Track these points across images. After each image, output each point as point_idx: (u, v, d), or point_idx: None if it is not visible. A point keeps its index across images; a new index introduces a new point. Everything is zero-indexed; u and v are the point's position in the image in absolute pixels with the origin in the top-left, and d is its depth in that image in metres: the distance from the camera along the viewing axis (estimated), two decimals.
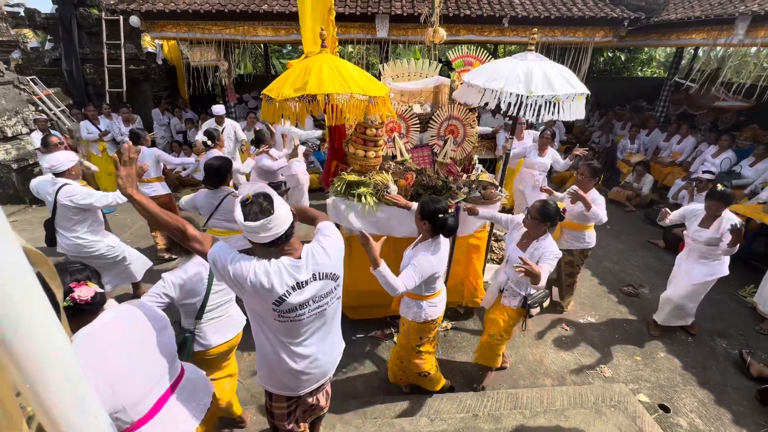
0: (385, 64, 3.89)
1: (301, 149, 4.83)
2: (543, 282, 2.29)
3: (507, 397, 2.83)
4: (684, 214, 3.39)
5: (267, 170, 4.24)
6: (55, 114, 7.47)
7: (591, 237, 3.60)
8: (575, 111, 2.75)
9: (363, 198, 2.98)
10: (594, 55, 9.15)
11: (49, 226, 3.30)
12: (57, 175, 3.19)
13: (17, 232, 0.51)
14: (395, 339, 3.49)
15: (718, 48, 6.65)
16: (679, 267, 3.51)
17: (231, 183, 3.47)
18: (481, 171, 3.85)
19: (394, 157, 3.61)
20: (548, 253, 2.49)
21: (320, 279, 1.57)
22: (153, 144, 8.01)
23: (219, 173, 3.09)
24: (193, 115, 8.67)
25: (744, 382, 3.17)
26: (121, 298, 3.86)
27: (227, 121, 5.88)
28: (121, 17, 7.50)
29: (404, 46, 7.55)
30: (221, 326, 2.28)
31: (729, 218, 3.09)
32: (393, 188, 3.02)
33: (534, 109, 2.66)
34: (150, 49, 8.47)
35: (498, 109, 2.79)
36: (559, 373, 3.23)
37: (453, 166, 3.70)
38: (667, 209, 3.35)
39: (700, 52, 9.25)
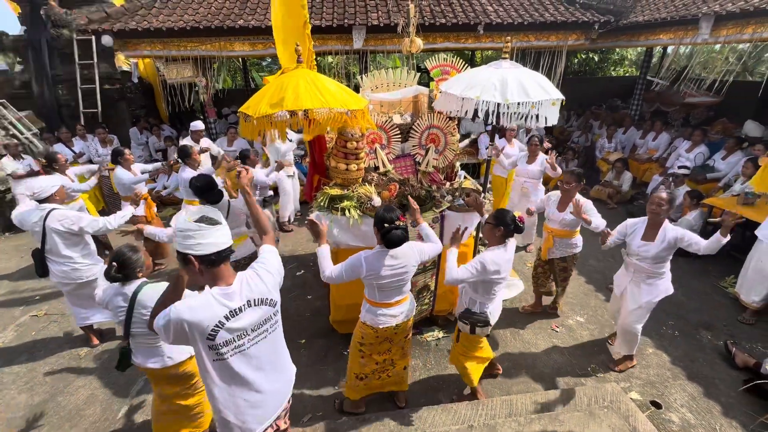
0: (363, 76, 3.89)
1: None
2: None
3: (501, 404, 2.81)
4: (623, 230, 3.07)
5: (261, 185, 4.55)
6: (27, 138, 7.24)
7: (580, 240, 3.64)
8: (550, 117, 2.79)
9: (347, 212, 2.95)
10: (569, 58, 9.38)
11: (39, 256, 3.20)
12: (41, 201, 3.11)
13: None
14: None
15: (685, 46, 6.90)
16: (620, 289, 3.20)
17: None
18: (465, 178, 3.87)
19: (376, 168, 3.60)
20: (480, 257, 2.47)
21: (255, 305, 1.55)
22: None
23: (211, 186, 3.16)
24: (171, 132, 8.54)
25: (731, 372, 3.22)
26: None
27: (204, 140, 5.83)
28: (93, 37, 7.36)
29: (383, 55, 7.61)
30: (148, 351, 2.26)
31: (671, 227, 2.85)
32: (377, 200, 3.00)
33: (511, 117, 2.70)
34: (125, 67, 8.32)
35: (477, 114, 2.81)
36: (552, 375, 3.23)
37: (436, 174, 3.71)
38: (608, 230, 3.09)
39: (669, 50, 9.59)
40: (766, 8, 5.02)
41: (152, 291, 2.19)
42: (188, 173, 4.23)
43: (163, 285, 2.23)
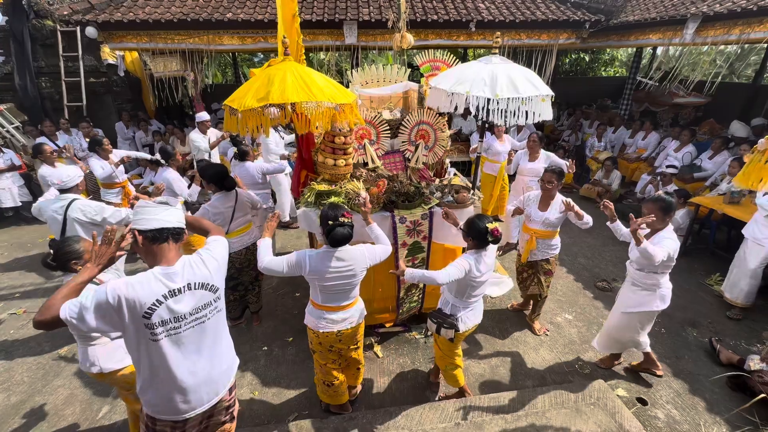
0: (354, 71, 3.84)
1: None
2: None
3: (489, 402, 2.80)
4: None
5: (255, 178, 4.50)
6: (8, 131, 7.05)
7: (559, 241, 3.51)
8: (543, 112, 2.78)
9: None
10: (559, 57, 9.43)
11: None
12: (65, 191, 3.12)
13: None
14: (375, 350, 3.43)
15: (674, 47, 6.97)
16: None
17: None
18: (454, 174, 3.85)
19: (365, 164, 3.56)
20: (461, 257, 2.42)
21: (196, 289, 1.55)
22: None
23: (224, 175, 3.26)
24: (159, 127, 8.38)
25: (715, 369, 3.26)
26: None
27: (212, 131, 5.84)
28: (78, 28, 7.17)
29: (376, 52, 7.54)
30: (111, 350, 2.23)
31: (663, 236, 2.62)
32: (365, 196, 2.96)
33: (500, 113, 2.67)
34: (111, 60, 8.12)
35: (468, 111, 2.79)
36: (540, 373, 3.24)
37: (425, 171, 3.69)
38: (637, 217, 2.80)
39: (659, 52, 9.68)
40: (753, 9, 5.08)
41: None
42: (170, 173, 4.15)
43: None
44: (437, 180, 3.67)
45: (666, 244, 2.56)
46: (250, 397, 2.99)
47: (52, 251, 2.15)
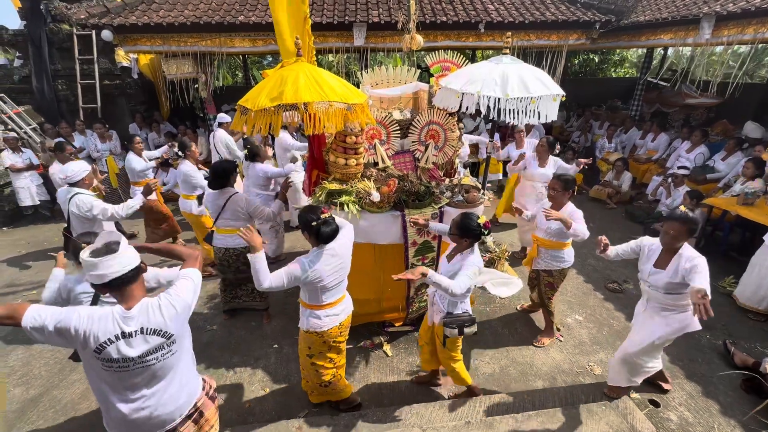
0: (363, 72, 3.88)
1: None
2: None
3: (499, 401, 2.80)
4: (636, 249, 2.71)
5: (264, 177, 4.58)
6: (26, 132, 7.23)
7: (569, 255, 3.30)
8: (550, 113, 2.78)
9: (346, 206, 2.94)
10: (569, 58, 9.38)
11: (67, 233, 3.47)
12: (71, 185, 3.40)
13: None
14: (385, 348, 3.44)
15: (686, 48, 6.90)
16: (637, 318, 2.83)
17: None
18: (464, 175, 3.86)
19: (375, 164, 3.59)
20: (468, 264, 2.36)
21: (148, 334, 1.56)
22: None
23: (225, 174, 3.34)
24: (170, 129, 8.51)
25: (729, 372, 3.21)
26: None
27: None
28: (93, 32, 7.33)
29: (384, 54, 7.59)
30: None
31: (690, 256, 2.38)
32: (375, 195, 2.99)
33: (511, 113, 2.68)
34: (125, 63, 8.28)
35: (478, 112, 2.80)
36: (550, 373, 3.22)
37: (435, 170, 3.70)
38: (605, 241, 2.75)
39: (670, 52, 9.59)
40: (767, 7, 5.01)
41: None
42: (187, 167, 4.29)
43: None
44: (447, 180, 3.68)
45: (701, 267, 2.32)
46: (262, 394, 3.02)
47: (74, 244, 2.22)
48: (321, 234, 2.20)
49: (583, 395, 2.87)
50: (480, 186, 3.48)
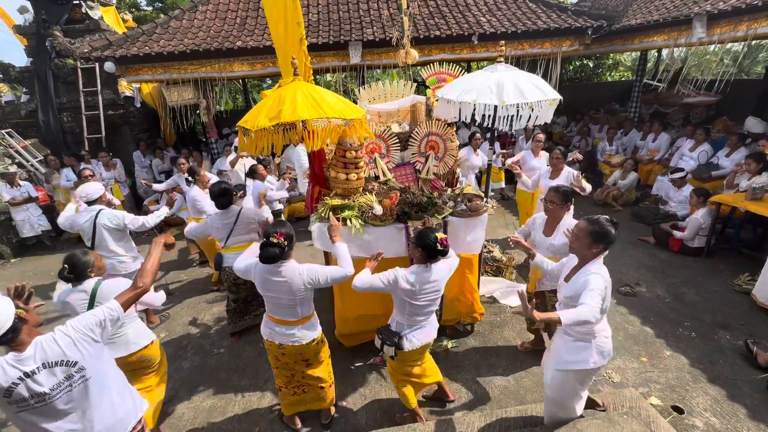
0: (361, 88, 3.92)
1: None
2: None
3: (516, 414, 2.71)
4: (560, 267, 2.48)
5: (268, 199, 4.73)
6: (32, 165, 7.36)
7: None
8: (543, 115, 2.78)
9: (348, 221, 2.92)
10: (563, 65, 9.46)
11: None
12: (90, 203, 3.61)
13: None
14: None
15: (680, 48, 6.94)
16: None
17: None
18: (466, 184, 3.85)
19: (377, 177, 3.59)
20: (591, 282, 2.03)
21: (52, 367, 1.60)
22: (134, 185, 7.97)
23: (227, 192, 3.44)
24: (175, 155, 8.62)
25: (754, 373, 3.10)
26: None
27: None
28: (97, 64, 7.54)
29: (381, 70, 7.72)
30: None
31: (590, 271, 2.07)
32: (378, 209, 2.97)
33: (507, 120, 2.69)
34: (128, 93, 8.49)
35: (473, 120, 2.81)
36: None
37: (437, 181, 3.70)
38: (515, 238, 2.65)
39: (664, 54, 9.64)
40: (758, 4, 5.05)
41: (110, 286, 2.43)
42: (195, 191, 4.43)
43: (121, 281, 2.53)
44: (449, 190, 3.67)
45: (594, 284, 1.97)
46: (271, 417, 2.95)
47: (67, 266, 2.39)
48: (261, 253, 2.23)
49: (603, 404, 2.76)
50: (483, 195, 3.47)
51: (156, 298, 2.88)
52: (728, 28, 5.65)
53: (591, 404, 2.71)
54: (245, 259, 2.51)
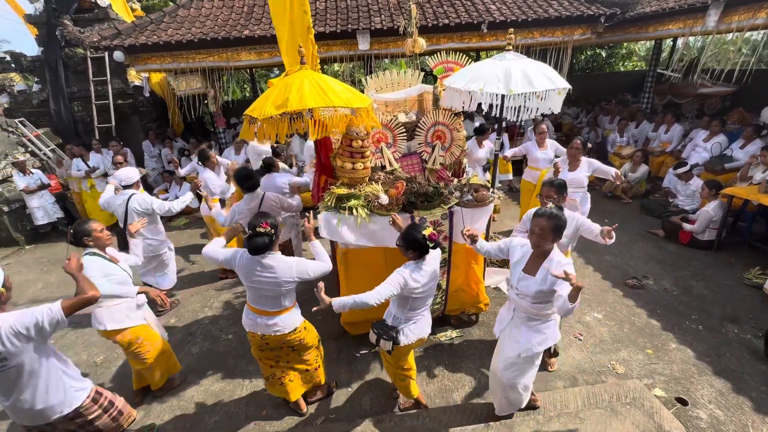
0: (368, 77, 3.90)
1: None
2: None
3: None
4: (504, 248, 2.46)
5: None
6: (45, 153, 7.48)
7: (569, 261, 2.77)
8: (552, 104, 2.73)
9: (354, 210, 2.94)
10: (575, 54, 9.27)
11: (121, 234, 3.91)
12: (126, 187, 3.82)
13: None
14: None
15: (695, 37, 6.75)
16: (500, 327, 2.51)
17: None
18: (473, 174, 3.82)
19: (383, 167, 3.59)
20: (399, 271, 2.25)
21: None
22: (144, 176, 8.05)
23: (252, 176, 3.59)
24: (183, 145, 8.69)
25: (761, 367, 3.08)
26: None
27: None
28: (106, 53, 7.58)
29: (389, 60, 7.64)
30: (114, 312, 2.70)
31: (559, 261, 2.11)
32: (384, 198, 2.98)
33: (514, 110, 2.65)
34: (137, 82, 8.53)
35: (479, 110, 2.78)
36: (571, 373, 3.14)
37: (443, 171, 3.68)
38: (468, 232, 2.61)
39: (679, 43, 9.39)
40: None
41: (90, 261, 2.55)
42: (207, 173, 4.52)
43: (97, 259, 2.61)
44: (455, 180, 3.65)
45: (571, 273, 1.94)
46: (277, 401, 3.02)
47: (72, 230, 2.60)
48: (250, 244, 2.28)
49: (606, 395, 2.77)
50: (489, 185, 3.45)
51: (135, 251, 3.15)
52: (747, 15, 5.47)
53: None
54: (216, 250, 2.52)
